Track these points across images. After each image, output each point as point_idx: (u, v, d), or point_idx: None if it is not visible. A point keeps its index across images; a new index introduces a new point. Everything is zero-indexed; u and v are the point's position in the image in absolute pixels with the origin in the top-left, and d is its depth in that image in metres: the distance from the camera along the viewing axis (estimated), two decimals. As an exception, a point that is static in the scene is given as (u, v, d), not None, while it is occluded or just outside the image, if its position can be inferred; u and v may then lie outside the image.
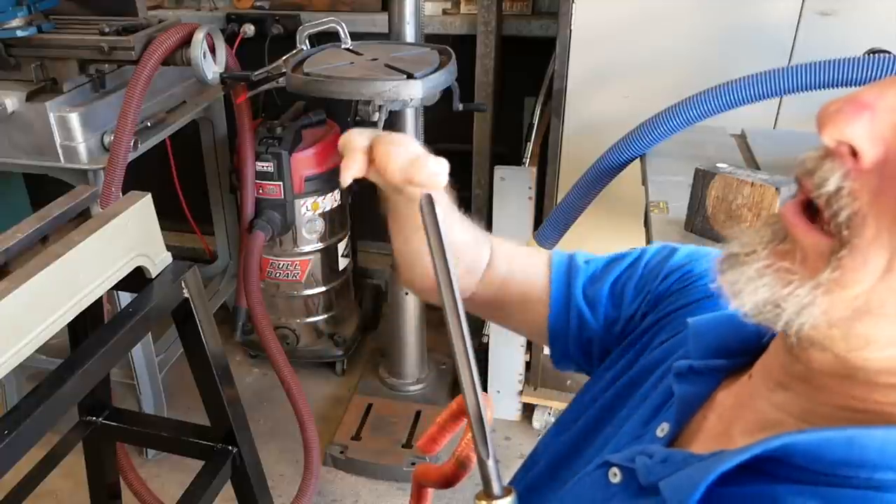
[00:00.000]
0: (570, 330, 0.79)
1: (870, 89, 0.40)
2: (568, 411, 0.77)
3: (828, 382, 0.46)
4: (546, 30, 2.46)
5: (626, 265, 0.80)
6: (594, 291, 0.79)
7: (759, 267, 0.44)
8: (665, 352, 0.68)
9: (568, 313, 0.79)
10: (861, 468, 0.43)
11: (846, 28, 1.71)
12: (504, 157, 2.49)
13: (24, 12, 1.88)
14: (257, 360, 2.83)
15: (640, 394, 0.66)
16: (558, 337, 0.81)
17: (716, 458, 0.48)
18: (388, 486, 2.31)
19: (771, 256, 0.44)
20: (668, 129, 1.42)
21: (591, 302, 0.79)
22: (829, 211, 0.41)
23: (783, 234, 0.44)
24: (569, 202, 1.59)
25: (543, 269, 0.82)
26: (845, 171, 0.41)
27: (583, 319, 0.79)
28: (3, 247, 1.04)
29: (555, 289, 0.80)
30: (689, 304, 0.71)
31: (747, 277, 0.44)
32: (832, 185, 0.41)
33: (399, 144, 0.63)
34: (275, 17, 2.65)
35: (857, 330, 0.42)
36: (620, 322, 0.77)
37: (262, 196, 2.33)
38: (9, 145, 1.92)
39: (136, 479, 2.05)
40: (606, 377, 0.74)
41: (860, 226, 0.40)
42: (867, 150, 0.40)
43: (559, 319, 0.80)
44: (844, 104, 0.40)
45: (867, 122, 0.39)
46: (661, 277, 0.75)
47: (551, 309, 0.80)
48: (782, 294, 0.43)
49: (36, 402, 0.95)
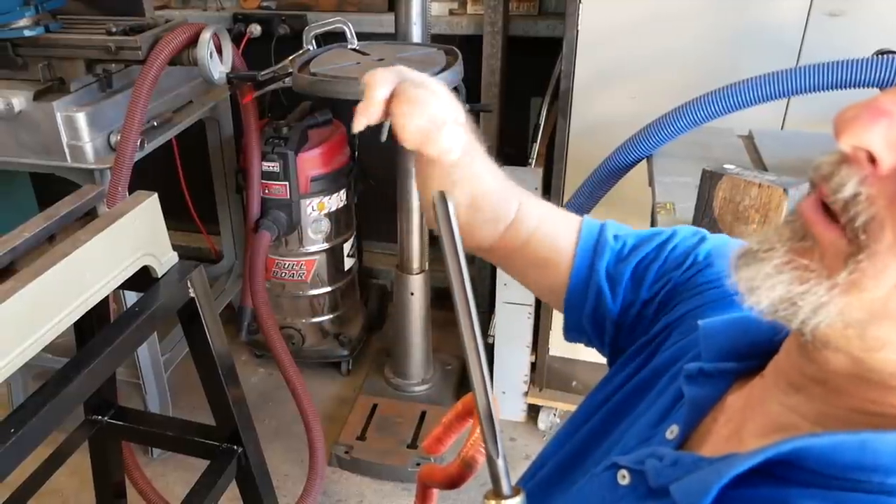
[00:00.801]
0: (587, 305, 0.77)
1: (887, 95, 0.40)
2: (578, 412, 0.76)
3: (842, 385, 0.46)
4: (553, 30, 2.45)
5: (654, 246, 0.77)
6: (617, 272, 0.76)
7: (777, 263, 0.44)
8: (675, 354, 0.67)
9: (587, 288, 0.77)
10: (874, 473, 0.43)
11: (854, 29, 1.70)
12: (510, 158, 2.49)
13: (32, 12, 1.88)
14: (263, 359, 2.83)
15: (650, 396, 0.66)
16: (573, 309, 0.79)
17: (727, 462, 0.47)
18: (393, 487, 2.31)
19: (789, 253, 0.44)
20: (675, 130, 1.42)
21: (612, 282, 0.76)
22: (845, 216, 0.41)
23: (802, 231, 0.44)
24: (575, 203, 1.59)
25: (571, 238, 0.79)
26: (862, 177, 0.40)
27: (601, 298, 0.77)
28: (10, 246, 1.04)
29: (578, 261, 0.78)
30: (702, 306, 0.70)
31: (765, 274, 0.44)
32: (849, 191, 0.41)
33: (417, 103, 0.61)
34: (281, 18, 2.65)
35: (873, 332, 0.41)
36: (637, 305, 0.75)
37: (268, 196, 2.33)
38: (16, 144, 1.93)
39: (142, 478, 2.06)
40: (617, 379, 0.73)
41: (878, 231, 0.40)
42: (885, 157, 0.39)
43: (577, 292, 0.78)
44: (862, 110, 0.40)
45: (885, 128, 0.39)
46: (685, 268, 0.74)
47: (571, 280, 0.78)
48: (799, 291, 0.43)
49: (42, 401, 0.96)
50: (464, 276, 0.53)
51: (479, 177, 0.73)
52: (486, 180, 0.74)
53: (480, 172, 0.73)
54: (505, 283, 2.33)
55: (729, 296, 0.68)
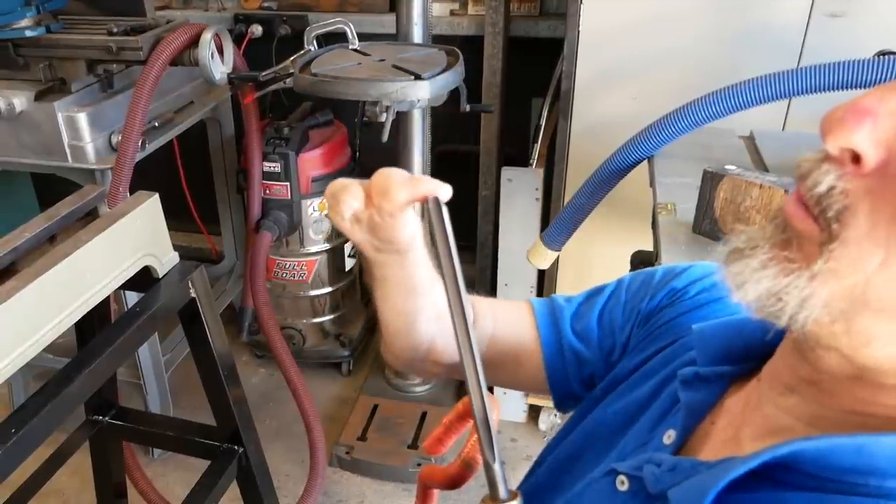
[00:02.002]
0: (569, 370, 0.78)
1: (871, 95, 0.41)
2: (572, 416, 0.77)
3: (834, 385, 0.46)
4: (554, 31, 2.45)
5: (608, 295, 0.79)
6: (583, 326, 0.78)
7: (763, 259, 0.45)
8: (663, 359, 0.68)
9: (563, 354, 0.79)
10: (871, 476, 0.43)
11: (855, 30, 1.70)
12: (511, 159, 2.49)
13: (33, 12, 1.88)
14: (263, 360, 2.83)
15: (637, 400, 0.66)
16: (558, 379, 0.80)
17: (724, 466, 0.48)
18: (394, 487, 2.31)
19: (773, 249, 0.45)
20: (676, 131, 1.42)
21: (582, 337, 0.78)
22: (818, 208, 0.42)
23: (784, 225, 0.45)
24: (576, 203, 1.59)
25: (527, 318, 0.81)
26: (840, 174, 0.41)
27: (579, 357, 0.78)
28: (11, 246, 1.04)
29: (544, 333, 0.80)
30: (679, 316, 0.71)
31: (751, 269, 0.45)
32: (824, 187, 0.42)
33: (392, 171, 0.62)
34: (282, 18, 2.65)
35: (858, 326, 0.42)
36: (617, 349, 0.76)
37: (269, 196, 2.33)
38: (17, 145, 1.93)
39: (142, 478, 2.06)
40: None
41: (850, 218, 0.41)
42: (870, 155, 0.40)
43: (555, 362, 0.79)
44: (846, 112, 0.41)
45: (869, 128, 0.40)
46: (649, 297, 0.75)
47: (545, 354, 0.79)
48: (783, 284, 0.43)
49: (43, 401, 0.96)
50: (458, 281, 0.53)
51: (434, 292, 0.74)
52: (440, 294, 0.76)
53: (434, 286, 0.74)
54: (506, 284, 2.33)
55: (700, 304, 0.70)
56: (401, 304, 0.74)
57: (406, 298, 0.73)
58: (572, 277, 2.23)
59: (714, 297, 0.71)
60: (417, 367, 0.81)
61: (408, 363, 0.81)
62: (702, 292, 0.72)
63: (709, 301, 0.71)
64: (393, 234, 0.65)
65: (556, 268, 2.20)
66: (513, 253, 2.26)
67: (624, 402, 0.68)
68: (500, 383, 0.89)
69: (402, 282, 0.71)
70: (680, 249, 1.22)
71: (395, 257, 0.69)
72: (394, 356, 0.81)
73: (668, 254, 1.21)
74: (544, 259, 1.69)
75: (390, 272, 0.71)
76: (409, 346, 0.78)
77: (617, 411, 0.68)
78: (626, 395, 0.69)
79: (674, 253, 1.21)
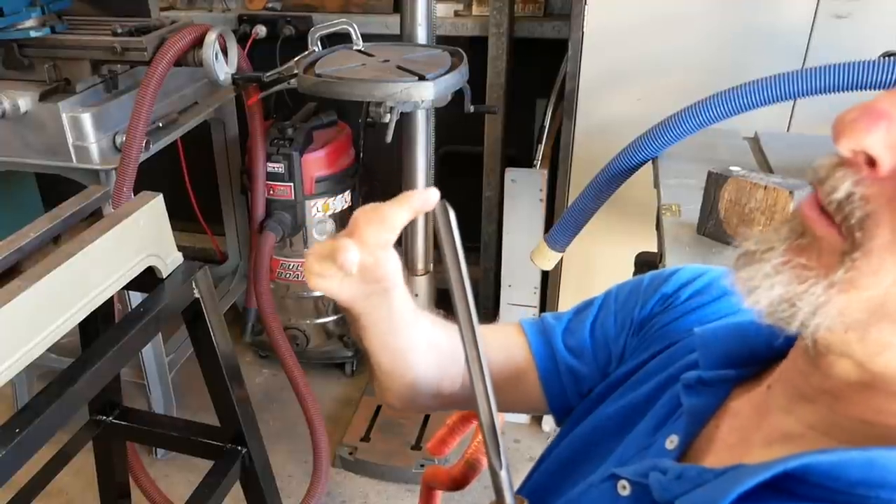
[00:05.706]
0: (567, 387, 0.78)
1: (885, 97, 0.40)
2: (568, 420, 0.77)
3: (846, 393, 0.46)
4: (558, 31, 2.45)
5: (597, 307, 0.79)
6: (576, 341, 0.78)
7: (776, 263, 0.44)
8: (661, 362, 0.67)
9: (559, 372, 0.78)
10: (881, 489, 0.43)
11: (861, 31, 1.70)
12: (515, 160, 2.49)
13: (38, 13, 1.89)
14: (267, 360, 2.83)
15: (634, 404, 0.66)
16: (556, 397, 0.79)
17: (733, 476, 0.47)
18: (398, 488, 2.30)
19: (788, 252, 0.44)
20: (680, 132, 1.41)
21: (576, 353, 0.77)
22: (839, 215, 0.41)
23: (800, 229, 0.44)
24: (580, 205, 1.58)
25: (518, 339, 0.81)
26: (857, 179, 0.40)
27: (575, 373, 0.77)
28: (16, 246, 1.04)
29: (537, 353, 0.79)
30: (673, 321, 0.70)
31: (763, 274, 0.44)
32: (842, 192, 0.41)
33: (374, 204, 0.62)
34: (287, 19, 2.65)
35: (874, 335, 0.41)
36: (613, 360, 0.76)
37: (273, 197, 2.33)
38: (21, 145, 1.93)
39: (146, 478, 2.06)
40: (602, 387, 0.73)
41: (874, 228, 0.40)
42: (885, 159, 0.39)
43: (552, 381, 0.78)
44: (860, 114, 0.40)
45: (884, 130, 0.39)
46: (640, 305, 0.75)
47: (541, 373, 0.79)
48: (798, 291, 0.42)
49: (47, 401, 0.96)
50: (465, 284, 0.53)
51: (426, 327, 0.75)
52: (432, 329, 0.76)
53: (422, 320, 0.75)
54: (509, 285, 2.33)
55: (693, 308, 0.70)
56: (393, 343, 0.73)
57: (397, 336, 0.73)
58: (576, 279, 2.22)
59: (706, 301, 0.70)
60: (420, 402, 0.81)
61: (409, 401, 0.80)
62: (693, 296, 0.71)
63: (701, 305, 0.70)
64: (384, 270, 0.65)
65: (559, 269, 2.20)
66: (516, 254, 2.26)
67: (620, 406, 0.68)
68: (499, 408, 0.88)
69: (392, 320, 0.71)
70: (684, 251, 1.21)
71: (383, 298, 0.68)
72: (394, 397, 0.80)
73: (672, 255, 1.20)
74: (548, 260, 1.69)
75: (379, 316, 0.70)
76: (408, 381, 0.77)
77: (613, 415, 0.68)
78: (623, 399, 0.68)
79: (678, 254, 1.20)
